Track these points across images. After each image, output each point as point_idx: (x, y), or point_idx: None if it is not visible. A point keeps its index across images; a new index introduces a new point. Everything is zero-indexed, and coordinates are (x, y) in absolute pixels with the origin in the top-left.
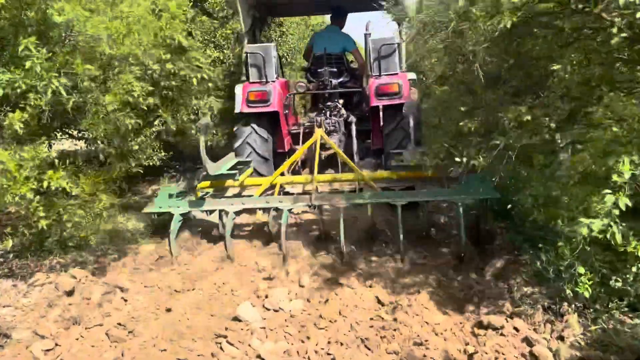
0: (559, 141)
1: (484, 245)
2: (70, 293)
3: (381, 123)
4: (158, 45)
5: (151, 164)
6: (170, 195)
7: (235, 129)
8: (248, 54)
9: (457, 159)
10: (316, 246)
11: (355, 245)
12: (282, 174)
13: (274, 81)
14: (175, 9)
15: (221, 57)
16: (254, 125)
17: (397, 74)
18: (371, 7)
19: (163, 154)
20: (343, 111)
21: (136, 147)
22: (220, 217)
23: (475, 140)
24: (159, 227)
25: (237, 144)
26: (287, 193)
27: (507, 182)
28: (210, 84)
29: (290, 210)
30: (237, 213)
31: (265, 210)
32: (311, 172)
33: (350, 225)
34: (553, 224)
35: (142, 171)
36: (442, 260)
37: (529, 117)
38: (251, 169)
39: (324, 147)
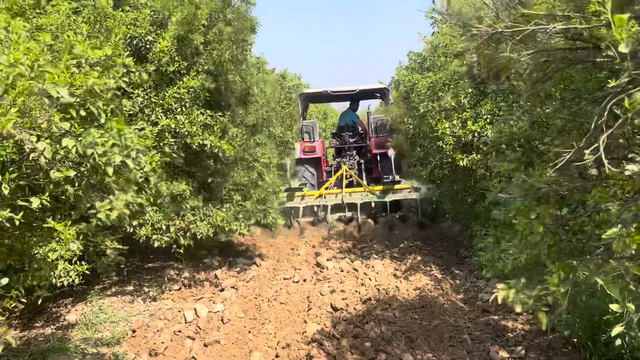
0: None
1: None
2: None
3: (379, 163)
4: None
5: (67, 282)
6: None
7: (294, 168)
8: (303, 125)
9: None
10: (345, 224)
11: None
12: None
13: (317, 140)
14: (89, 51)
15: (172, 125)
16: (307, 166)
17: (386, 136)
18: (372, 97)
19: (85, 267)
20: (356, 157)
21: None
22: (296, 212)
23: None
24: None
25: (296, 178)
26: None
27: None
28: (141, 177)
29: (332, 206)
30: (305, 209)
31: (318, 207)
32: (340, 187)
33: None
34: None
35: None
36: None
37: None
38: (307, 188)
39: (345, 176)
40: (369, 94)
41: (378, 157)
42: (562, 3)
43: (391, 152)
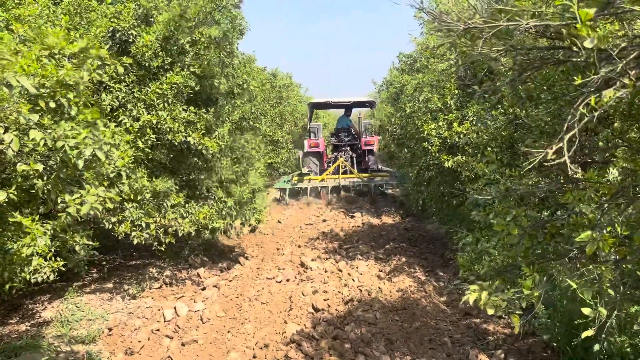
0: None
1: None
2: None
3: (366, 157)
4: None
5: (42, 279)
6: (285, 182)
7: (302, 159)
8: (310, 127)
9: None
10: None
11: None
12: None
13: (320, 138)
14: (63, 43)
15: (154, 121)
16: (312, 157)
17: (373, 136)
18: (363, 107)
19: (60, 263)
20: (349, 152)
21: None
22: (304, 191)
23: None
24: None
25: (304, 166)
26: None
27: None
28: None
29: (331, 187)
30: (311, 189)
31: (321, 188)
32: (337, 173)
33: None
34: None
35: None
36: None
37: None
38: (312, 174)
39: (341, 166)
40: (361, 104)
41: (366, 152)
42: (541, 1)
43: (376, 149)
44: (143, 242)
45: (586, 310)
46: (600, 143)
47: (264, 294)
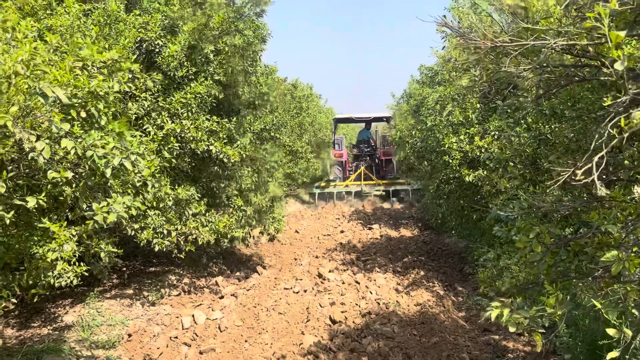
0: None
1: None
2: None
3: (384, 166)
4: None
5: (65, 283)
6: (315, 187)
7: (330, 166)
8: (335, 139)
9: None
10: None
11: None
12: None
13: (344, 149)
14: (95, 54)
15: (177, 130)
16: (336, 166)
17: (389, 147)
18: (382, 121)
19: (84, 268)
20: (369, 161)
21: None
22: (331, 195)
23: None
24: None
25: (331, 173)
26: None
27: None
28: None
29: (354, 192)
30: (337, 193)
31: (346, 193)
32: (358, 180)
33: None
34: None
35: None
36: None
37: None
38: (338, 181)
39: (362, 174)
40: (379, 119)
41: (384, 162)
42: (568, 19)
43: (394, 159)
44: (164, 249)
45: (611, 331)
46: (626, 161)
47: (282, 304)
